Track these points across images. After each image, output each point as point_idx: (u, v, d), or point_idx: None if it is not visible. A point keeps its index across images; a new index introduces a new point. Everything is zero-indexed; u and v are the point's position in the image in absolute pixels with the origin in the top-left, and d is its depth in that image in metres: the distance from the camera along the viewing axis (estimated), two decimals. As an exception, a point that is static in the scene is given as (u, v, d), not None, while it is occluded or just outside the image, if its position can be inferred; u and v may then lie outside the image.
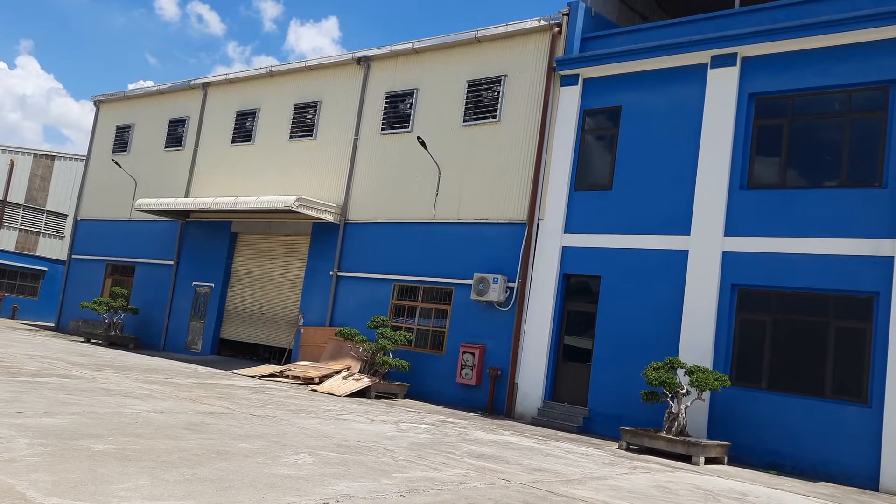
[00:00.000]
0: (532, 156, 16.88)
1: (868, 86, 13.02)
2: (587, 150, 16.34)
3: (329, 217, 19.97)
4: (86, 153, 29.77)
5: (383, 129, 19.94)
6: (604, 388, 14.86)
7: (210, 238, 23.67)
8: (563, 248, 16.01)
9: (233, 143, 23.80)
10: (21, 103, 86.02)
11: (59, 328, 27.97)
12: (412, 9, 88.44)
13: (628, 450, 12.66)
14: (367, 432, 10.52)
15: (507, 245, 16.85)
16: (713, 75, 14.55)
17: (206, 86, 25.10)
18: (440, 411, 15.27)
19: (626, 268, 15.02)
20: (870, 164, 12.85)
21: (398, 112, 19.78)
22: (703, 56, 14.70)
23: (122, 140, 27.76)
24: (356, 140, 20.38)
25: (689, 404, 12.71)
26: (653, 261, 14.70)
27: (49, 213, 35.23)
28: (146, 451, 7.08)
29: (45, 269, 34.87)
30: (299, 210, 19.27)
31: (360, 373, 16.83)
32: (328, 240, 20.41)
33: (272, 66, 23.15)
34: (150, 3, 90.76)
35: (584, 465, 10.13)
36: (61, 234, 35.25)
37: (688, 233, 14.33)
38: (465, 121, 18.33)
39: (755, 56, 14.17)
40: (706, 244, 14.03)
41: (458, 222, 17.90)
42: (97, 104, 29.33)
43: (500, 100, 17.76)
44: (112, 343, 23.43)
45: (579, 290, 16.02)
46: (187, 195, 24.48)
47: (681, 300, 14.13)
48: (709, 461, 12.13)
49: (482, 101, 18.13)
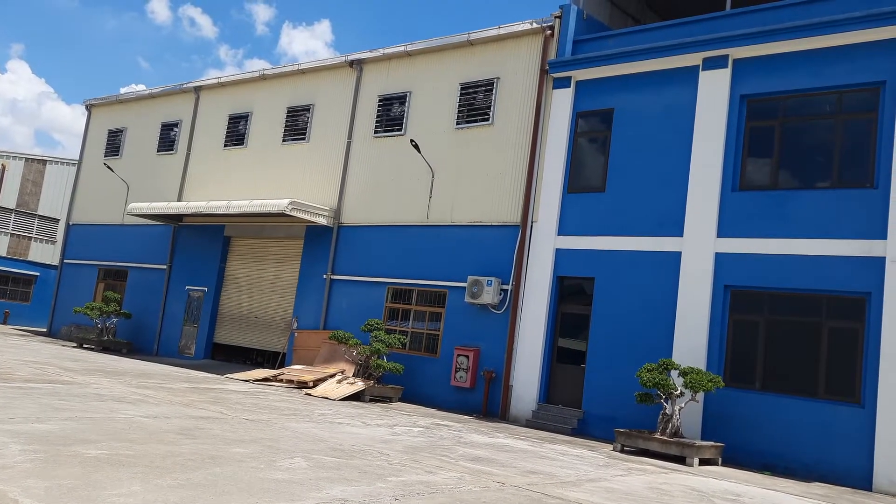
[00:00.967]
0: (525, 158, 16.91)
1: (859, 87, 13.10)
2: (580, 152, 16.38)
3: (322, 220, 19.95)
4: (77, 157, 29.65)
5: (376, 132, 19.94)
6: (598, 389, 14.88)
7: (203, 242, 23.61)
8: (557, 250, 16.03)
9: (225, 146, 23.75)
10: (12, 107, 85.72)
11: (52, 333, 27.82)
12: (405, 12, 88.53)
13: (623, 451, 12.68)
14: (361, 436, 10.50)
15: (501, 247, 16.86)
16: (705, 77, 14.61)
17: (198, 89, 25.04)
18: (435, 414, 15.26)
19: (620, 270, 15.05)
20: (861, 165, 12.92)
21: (391, 115, 19.78)
22: (694, 58, 14.76)
23: (114, 144, 27.66)
24: (349, 143, 20.37)
25: (682, 406, 12.73)
26: (646, 262, 14.73)
27: (41, 217, 35.08)
28: (139, 456, 7.05)
29: (37, 274, 34.70)
30: (292, 213, 19.24)
31: (354, 376, 16.80)
32: (322, 243, 20.38)
33: (264, 70, 23.13)
34: (141, 6, 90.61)
35: (578, 467, 10.14)
36: (53, 239, 35.10)
37: (681, 234, 14.37)
38: (458, 123, 18.35)
39: (747, 58, 14.24)
40: (699, 245, 14.08)
41: (451, 225, 17.91)
42: (89, 108, 29.23)
43: (492, 102, 17.79)
44: (105, 348, 23.32)
45: (573, 292, 16.04)
46: (180, 199, 24.41)
47: (674, 302, 14.16)
48: (703, 462, 12.16)
49: (475, 104, 18.15)
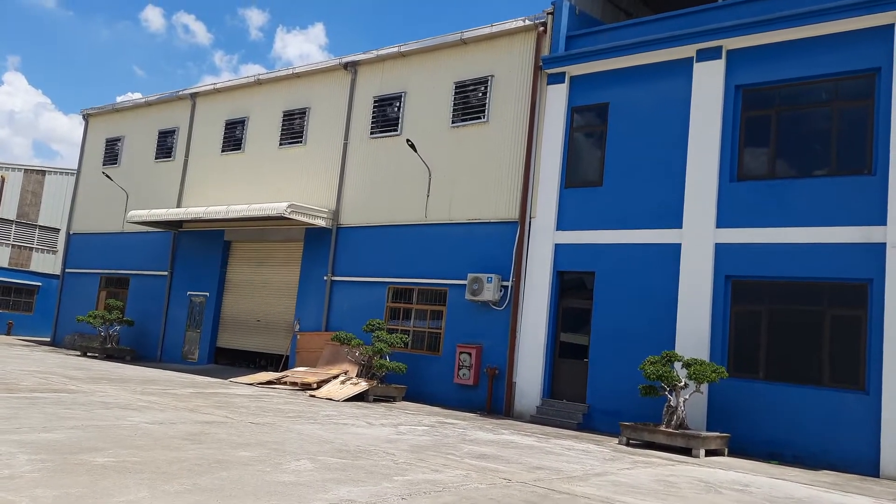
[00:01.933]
0: (522, 155, 16.92)
1: (854, 74, 13.10)
2: (576, 147, 16.39)
3: (321, 222, 19.97)
4: (76, 167, 29.66)
5: (372, 133, 19.95)
6: (602, 383, 14.90)
7: (203, 247, 23.63)
8: (556, 245, 16.05)
9: (223, 152, 23.76)
10: (10, 119, 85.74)
11: (55, 343, 27.85)
12: (398, 13, 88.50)
13: (628, 445, 12.70)
14: (366, 436, 10.52)
15: (500, 244, 16.88)
16: (699, 69, 14.62)
17: (194, 96, 25.06)
18: (439, 412, 15.28)
19: (620, 263, 15.07)
20: (858, 152, 12.92)
21: (386, 116, 19.79)
22: (688, 50, 14.76)
23: (112, 153, 27.68)
24: (346, 145, 20.38)
25: (687, 397, 12.75)
26: (646, 255, 14.74)
27: (41, 227, 35.11)
28: (146, 462, 7.07)
29: (40, 284, 34.72)
30: (291, 216, 19.26)
31: (357, 377, 16.83)
32: (321, 245, 20.40)
33: (260, 75, 23.13)
34: (135, 14, 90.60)
35: (584, 462, 10.16)
36: (54, 249, 35.13)
37: (680, 226, 14.38)
38: (453, 122, 18.36)
39: (740, 48, 14.24)
40: (698, 237, 14.09)
41: (450, 223, 17.92)
42: (86, 118, 29.24)
43: (487, 100, 17.79)
44: (108, 356, 23.35)
45: (574, 286, 16.06)
46: (179, 205, 24.43)
47: (675, 293, 14.17)
48: (709, 453, 12.18)
49: (470, 102, 18.16)
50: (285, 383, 17.61)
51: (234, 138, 23.54)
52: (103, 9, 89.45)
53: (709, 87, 14.43)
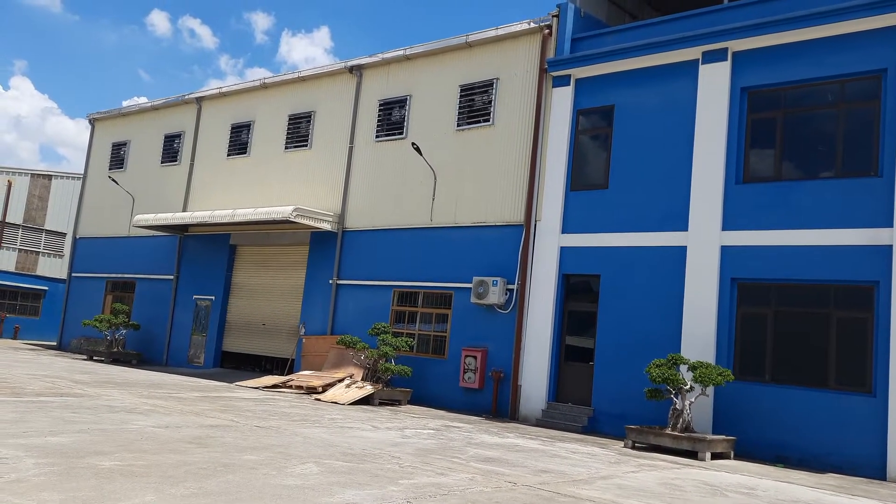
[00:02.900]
0: (527, 157, 16.92)
1: (860, 75, 13.06)
2: (582, 149, 16.38)
3: (327, 226, 20.00)
4: (82, 171, 29.80)
5: (378, 137, 19.98)
6: (607, 387, 14.87)
7: (209, 251, 23.69)
8: (562, 248, 16.03)
9: (228, 155, 23.83)
10: (16, 124, 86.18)
11: (62, 347, 27.95)
12: (403, 16, 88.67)
13: (634, 448, 12.67)
14: (371, 440, 10.52)
15: (506, 247, 16.87)
16: (705, 71, 14.60)
17: (200, 100, 25.15)
18: (444, 416, 15.27)
19: (626, 266, 15.04)
20: (865, 154, 12.88)
21: (392, 119, 19.82)
22: (694, 52, 14.75)
23: (118, 157, 27.80)
24: (351, 148, 20.42)
25: (693, 400, 12.72)
26: (652, 258, 14.72)
27: (48, 232, 35.26)
28: (152, 466, 7.09)
29: (46, 288, 34.87)
30: (297, 220, 19.29)
31: (362, 380, 16.83)
32: (327, 249, 20.43)
33: (265, 78, 23.21)
34: (141, 19, 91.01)
35: (590, 465, 10.14)
36: (61, 253, 35.27)
37: (685, 228, 14.35)
38: (458, 125, 18.37)
39: (746, 50, 14.22)
40: (704, 239, 14.06)
41: (455, 226, 17.93)
42: (92, 122, 29.37)
43: (492, 103, 17.81)
44: (114, 360, 23.42)
45: (579, 289, 16.04)
46: (185, 209, 24.50)
47: (681, 296, 14.14)
48: (715, 456, 12.14)
49: (475, 105, 18.18)
50: (291, 387, 17.62)
51: (239, 142, 23.61)
52: (109, 13, 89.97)
53: (714, 89, 14.41)
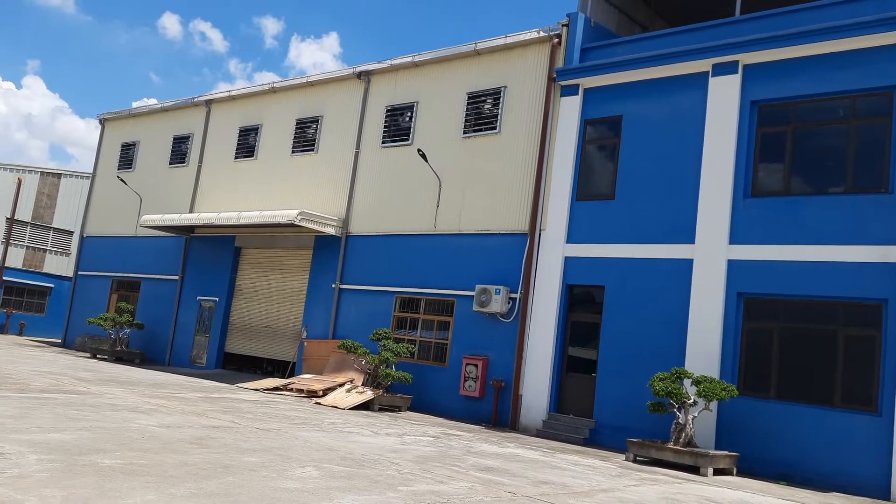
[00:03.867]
0: (533, 166, 16.91)
1: (872, 91, 13.02)
2: (588, 159, 16.37)
3: (331, 230, 20.02)
4: (91, 170, 29.92)
5: (384, 143, 20.01)
6: (609, 399, 14.79)
7: (214, 253, 23.73)
8: (566, 258, 16.00)
9: (236, 158, 23.90)
10: (27, 122, 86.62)
11: (66, 344, 28.00)
12: (412, 23, 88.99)
13: (635, 461, 12.59)
14: (371, 445, 10.48)
15: (509, 256, 16.85)
16: (715, 83, 14.58)
17: (209, 103, 25.25)
18: (444, 424, 15.22)
19: (631, 277, 14.99)
20: (875, 170, 12.82)
21: (398, 125, 19.86)
22: (704, 64, 14.74)
23: (127, 157, 27.91)
24: (357, 153, 20.45)
25: (696, 415, 12.64)
26: (657, 270, 14.67)
27: (55, 230, 35.39)
28: (153, 465, 7.07)
29: (52, 285, 34.97)
30: (302, 224, 19.32)
31: (363, 385, 16.80)
32: (330, 253, 20.44)
33: (274, 83, 23.29)
34: (153, 21, 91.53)
35: (591, 478, 10.08)
36: (67, 251, 35.38)
37: (692, 241, 14.31)
38: (465, 132, 18.39)
39: (757, 63, 14.20)
40: (711, 253, 14.01)
41: (459, 234, 17.91)
42: (102, 122, 29.51)
43: (500, 111, 17.82)
44: (118, 358, 23.44)
45: (583, 300, 15.99)
46: (191, 211, 24.57)
47: (686, 309, 14.08)
48: (717, 472, 12.05)
49: (482, 113, 18.20)
50: (291, 390, 17.60)
51: (247, 145, 23.68)
52: (122, 15, 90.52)
53: (724, 101, 14.39)
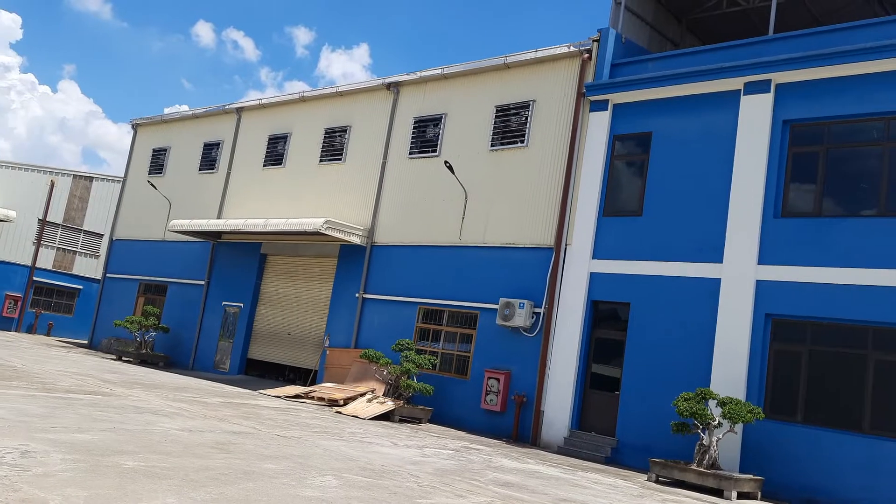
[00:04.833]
0: (560, 181, 16.85)
1: (906, 114, 12.80)
2: (616, 175, 16.27)
3: (356, 239, 20.10)
4: (122, 175, 30.40)
5: (411, 153, 20.08)
6: (632, 417, 14.62)
7: (240, 259, 23.94)
8: (591, 273, 15.88)
9: (264, 166, 24.14)
10: (61, 126, 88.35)
11: (93, 345, 28.37)
12: (442, 36, 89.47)
13: (657, 482, 12.41)
14: (391, 456, 10.45)
15: (534, 270, 16.77)
16: (746, 102, 14.44)
17: (239, 110, 25.56)
18: (464, 437, 15.14)
19: (657, 295, 14.84)
20: (908, 194, 12.58)
21: (426, 136, 19.92)
22: (736, 82, 14.61)
23: (157, 162, 28.32)
24: (384, 164, 20.55)
25: (720, 437, 12.43)
26: (684, 288, 14.50)
27: (86, 232, 35.95)
28: (174, 468, 7.11)
29: (81, 287, 35.49)
30: (327, 232, 19.42)
31: (384, 396, 16.78)
32: (355, 262, 20.52)
33: (304, 92, 23.53)
34: (187, 29, 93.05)
35: (611, 497, 9.94)
36: (97, 254, 35.93)
37: (720, 260, 14.13)
38: (492, 145, 18.39)
39: (790, 83, 14.05)
40: (739, 272, 13.82)
41: (484, 246, 17.88)
42: (135, 127, 30.00)
43: (528, 125, 17.81)
44: (143, 361, 23.69)
45: (608, 317, 15.85)
46: (219, 217, 24.83)
47: (713, 329, 13.89)
48: (741, 496, 11.83)
49: (510, 126, 18.20)
50: (313, 398, 17.64)
51: (275, 153, 23.91)
52: (157, 22, 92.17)
53: (756, 120, 14.24)
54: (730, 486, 11.63)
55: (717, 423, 12.35)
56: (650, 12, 18.66)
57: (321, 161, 22.35)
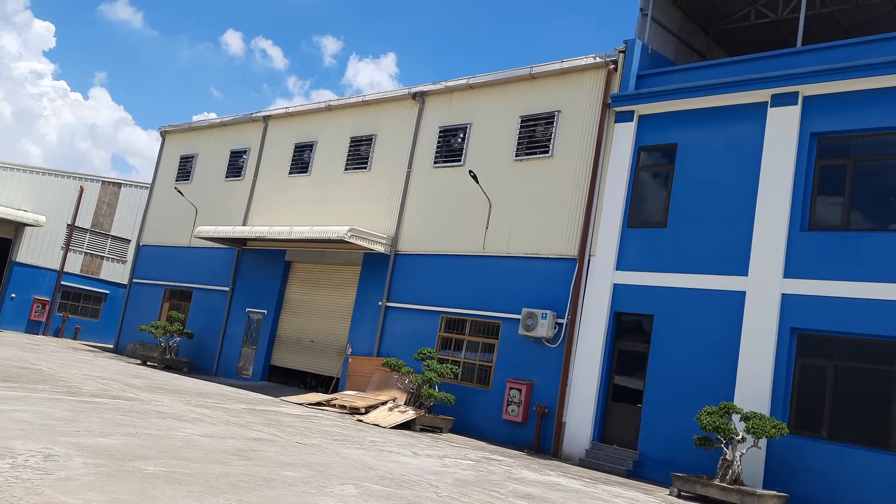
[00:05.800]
0: (584, 191, 16.79)
1: (937, 127, 12.58)
2: (641, 186, 16.17)
3: (380, 248, 20.17)
4: (150, 181, 30.86)
5: (436, 163, 20.14)
6: (655, 431, 14.47)
7: (265, 266, 24.14)
8: (615, 285, 15.77)
9: (290, 174, 24.35)
10: (92, 132, 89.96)
11: (118, 350, 28.74)
12: (469, 46, 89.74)
13: (680, 496, 12.26)
14: (411, 466, 10.44)
15: (557, 281, 16.70)
16: (773, 114, 14.29)
17: (266, 118, 25.84)
18: (485, 447, 15.08)
19: (681, 308, 14.69)
20: (939, 208, 12.34)
21: (451, 146, 19.97)
22: (762, 94, 14.47)
23: (185, 169, 28.71)
24: (409, 173, 20.63)
25: (744, 452, 12.26)
26: (708, 301, 14.35)
27: (113, 238, 36.50)
28: (195, 474, 7.17)
29: (107, 292, 36.01)
30: (351, 240, 19.52)
31: (405, 405, 16.79)
32: (378, 270, 20.59)
33: (330, 101, 23.72)
34: (216, 37, 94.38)
35: (632, 511, 9.83)
36: (124, 259, 36.44)
37: (745, 273, 13.97)
38: (517, 155, 18.39)
39: (818, 95, 13.88)
40: (764, 286, 13.65)
41: (507, 256, 17.85)
42: (163, 134, 30.45)
43: (553, 135, 17.78)
44: (167, 366, 23.94)
45: (631, 328, 15.72)
46: (245, 224, 25.08)
47: (737, 343, 13.72)
48: (765, 512, 11.63)
49: (535, 137, 18.18)
50: (334, 406, 17.70)
51: (301, 161, 24.11)
52: (186, 31, 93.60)
53: (782, 132, 14.09)
54: (753, 502, 11.46)
55: (740, 437, 12.18)
56: (677, 24, 18.57)
57: (346, 169, 22.50)
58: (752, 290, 13.77)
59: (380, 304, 20.17)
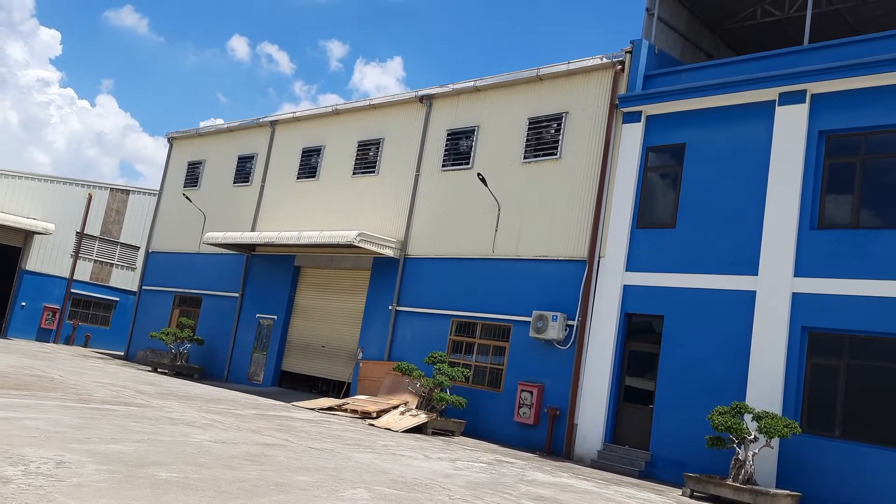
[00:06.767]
0: (593, 193, 16.76)
1: (948, 122, 12.50)
2: (650, 187, 16.13)
3: (389, 252, 20.19)
4: (158, 188, 31.00)
5: (444, 166, 20.15)
6: (667, 431, 14.41)
7: (274, 271, 24.20)
8: (625, 286, 15.73)
9: (298, 178, 24.42)
10: (99, 139, 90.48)
11: (129, 357, 28.86)
12: (475, 49, 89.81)
13: (692, 497, 12.20)
14: (423, 469, 10.44)
15: (567, 282, 16.67)
16: (781, 112, 14.24)
17: (273, 123, 25.92)
18: (497, 450, 15.05)
19: (691, 308, 14.64)
20: (951, 204, 12.25)
21: (459, 149, 19.98)
22: (770, 93, 14.42)
23: (193, 175, 28.82)
24: (417, 176, 20.65)
25: (756, 451, 12.19)
26: (719, 301, 14.29)
27: (122, 245, 36.68)
28: (207, 480, 7.18)
29: (117, 299, 36.17)
30: (360, 245, 19.55)
31: (417, 408, 16.78)
32: (388, 274, 20.60)
33: (337, 105, 23.78)
34: (222, 43, 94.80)
35: (645, 512, 9.79)
36: (133, 266, 36.62)
37: (755, 273, 13.90)
38: (525, 157, 18.38)
39: (826, 93, 13.82)
40: (775, 285, 13.58)
41: (517, 259, 17.83)
42: (170, 141, 30.60)
43: (560, 137, 17.76)
44: (178, 373, 24.01)
45: (641, 329, 15.67)
46: (254, 229, 25.15)
47: (748, 342, 13.66)
48: (779, 513, 11.56)
49: (543, 139, 18.16)
50: (346, 410, 17.71)
51: (309, 166, 24.17)
52: (192, 37, 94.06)
53: (791, 131, 14.03)
54: (766, 502, 11.40)
55: (752, 437, 12.12)
56: (683, 23, 18.52)
57: (354, 174, 22.54)
58: (763, 290, 13.71)
59: (390, 308, 20.18)
